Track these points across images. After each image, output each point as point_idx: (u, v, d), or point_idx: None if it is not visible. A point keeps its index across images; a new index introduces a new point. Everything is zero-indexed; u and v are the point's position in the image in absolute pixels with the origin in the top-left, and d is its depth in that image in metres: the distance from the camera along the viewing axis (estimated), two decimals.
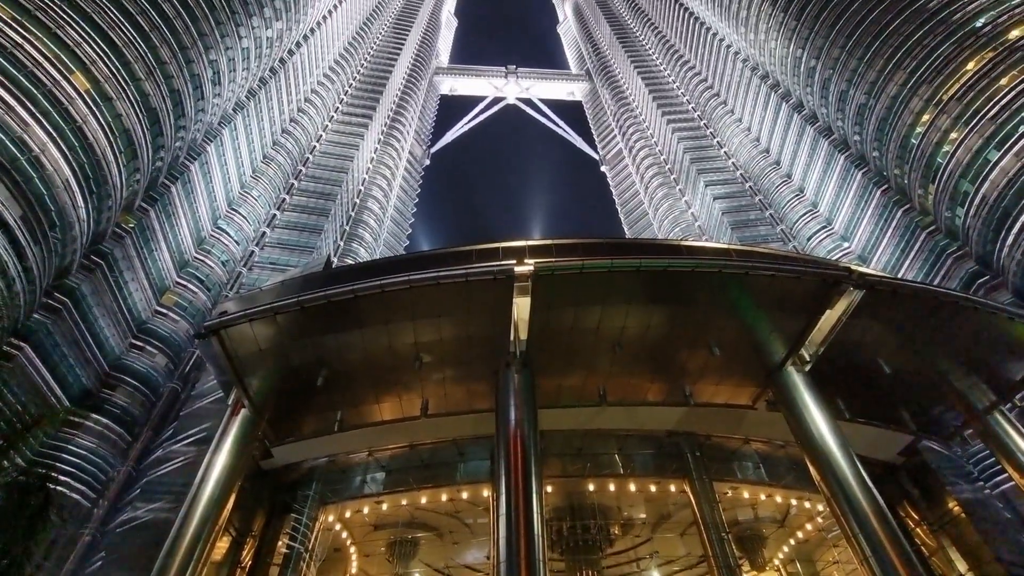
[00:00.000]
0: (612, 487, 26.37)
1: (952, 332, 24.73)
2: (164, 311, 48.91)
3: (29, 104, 32.37)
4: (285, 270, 59.85)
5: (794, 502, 27.52)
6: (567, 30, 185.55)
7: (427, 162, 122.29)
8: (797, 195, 72.06)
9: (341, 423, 25.54)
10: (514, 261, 22.67)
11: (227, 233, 59.98)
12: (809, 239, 66.65)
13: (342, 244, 74.82)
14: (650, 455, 27.13)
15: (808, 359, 25.11)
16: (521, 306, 22.80)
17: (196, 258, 55.01)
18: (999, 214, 40.52)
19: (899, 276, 50.03)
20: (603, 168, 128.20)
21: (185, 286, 51.97)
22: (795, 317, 24.04)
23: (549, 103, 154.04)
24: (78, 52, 36.03)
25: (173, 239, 51.18)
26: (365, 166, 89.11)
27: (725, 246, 32.41)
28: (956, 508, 26.06)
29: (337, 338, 23.21)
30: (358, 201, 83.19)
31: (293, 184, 74.48)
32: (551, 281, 22.13)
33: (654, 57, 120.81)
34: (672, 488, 26.44)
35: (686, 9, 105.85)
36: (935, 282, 46.59)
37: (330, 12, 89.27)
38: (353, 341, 23.34)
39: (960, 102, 44.48)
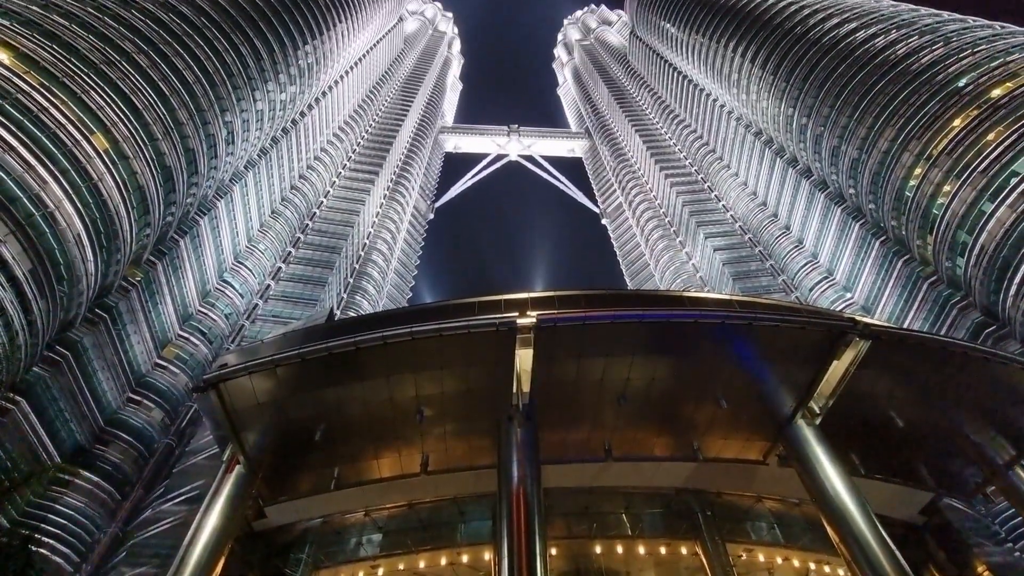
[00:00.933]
0: (620, 549, 25.09)
1: (965, 383, 24.25)
2: (164, 364, 48.58)
3: (49, 163, 33.60)
4: (288, 322, 59.88)
5: (813, 566, 26.03)
6: (567, 92, 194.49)
7: (431, 216, 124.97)
8: (797, 246, 72.83)
9: (338, 480, 24.73)
10: (516, 313, 22.68)
11: (232, 286, 60.51)
12: (811, 290, 66.73)
13: (345, 297, 75.25)
14: (659, 514, 26.01)
15: (818, 412, 24.53)
16: (524, 358, 22.59)
17: (200, 311, 55.22)
18: (1000, 264, 40.68)
19: (904, 326, 49.67)
20: (604, 221, 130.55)
21: (187, 339, 51.89)
22: (802, 369, 23.69)
23: (550, 159, 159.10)
24: (100, 115, 37.77)
25: (178, 292, 51.59)
26: (371, 220, 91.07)
27: (728, 297, 32.45)
28: (985, 572, 24.60)
29: (337, 391, 22.89)
30: (363, 254, 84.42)
31: (300, 238, 75.87)
32: (553, 333, 22.03)
33: (650, 116, 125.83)
34: (683, 550, 25.13)
35: (679, 72, 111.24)
36: (941, 332, 46.16)
37: (342, 77, 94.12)
38: (353, 394, 22.99)
39: (950, 156, 45.73)
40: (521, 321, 21.86)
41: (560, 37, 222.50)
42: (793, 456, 23.63)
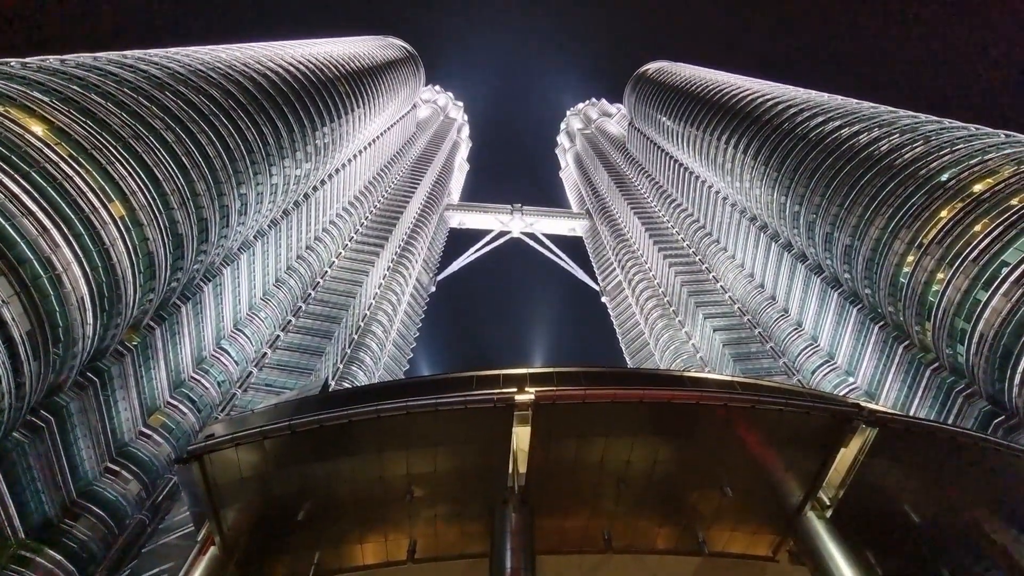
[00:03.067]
0: None
1: (980, 477, 23.29)
2: (149, 432, 46.96)
3: (64, 227, 34.56)
4: (281, 392, 58.63)
5: None
6: (568, 175, 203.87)
7: (433, 289, 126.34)
8: (796, 329, 72.88)
9: (318, 567, 23.04)
10: (515, 389, 22.27)
11: (228, 353, 59.93)
12: (813, 373, 65.93)
13: (341, 367, 74.26)
14: None
15: (829, 503, 23.35)
16: (521, 436, 21.89)
17: (193, 377, 54.28)
18: (1001, 353, 40.48)
19: (910, 414, 48.52)
20: (603, 299, 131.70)
21: (176, 407, 50.55)
22: (809, 456, 22.87)
23: (551, 237, 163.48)
24: (121, 184, 39.41)
25: (173, 358, 51.02)
26: (373, 291, 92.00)
27: (729, 378, 31.99)
28: None
29: (326, 467, 21.95)
30: (362, 325, 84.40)
31: (301, 307, 76.24)
32: (552, 411, 21.51)
33: (648, 200, 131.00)
34: None
35: (675, 160, 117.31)
36: (948, 421, 45.01)
37: (355, 156, 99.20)
38: (342, 471, 22.03)
39: (940, 245, 47.00)
40: (519, 398, 21.42)
41: (563, 126, 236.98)
42: (804, 552, 22.19)
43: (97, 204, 37.09)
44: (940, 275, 46.29)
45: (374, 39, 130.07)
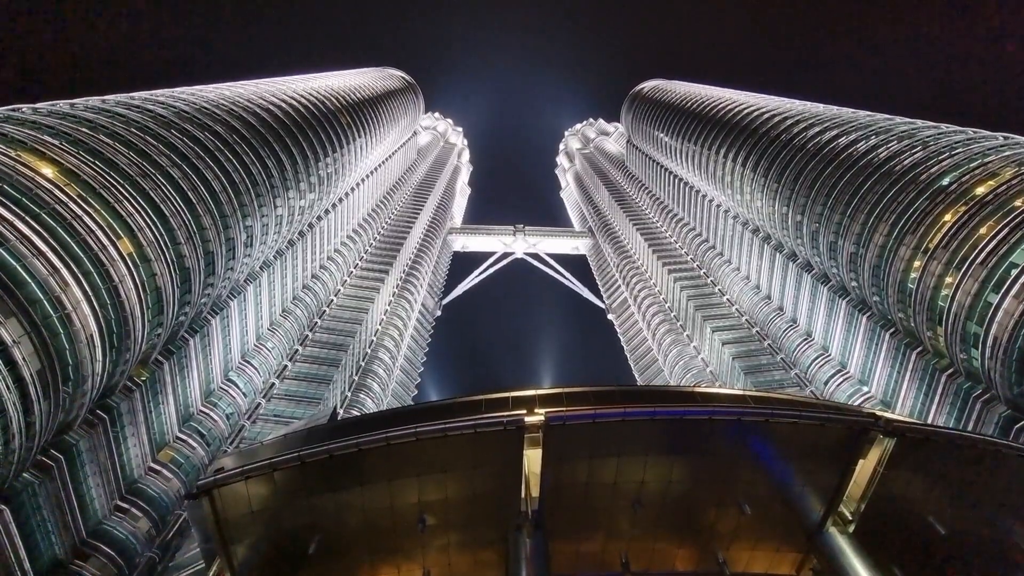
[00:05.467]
0: None
1: (1004, 485, 22.68)
2: (158, 468, 46.66)
3: (73, 266, 35.03)
4: (289, 422, 58.30)
5: None
6: (569, 195, 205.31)
7: (438, 313, 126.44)
8: (806, 339, 72.12)
9: None
10: (524, 411, 22.06)
11: (236, 385, 59.87)
12: (826, 383, 64.96)
13: (350, 395, 73.94)
14: None
15: (851, 517, 22.76)
16: (532, 459, 21.60)
17: (201, 411, 54.16)
18: (1017, 356, 39.81)
19: (928, 421, 47.57)
20: (610, 316, 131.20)
21: (185, 441, 50.33)
22: (827, 469, 22.40)
23: (555, 257, 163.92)
24: (129, 221, 40.04)
25: (182, 392, 51.01)
26: (379, 318, 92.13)
27: (741, 392, 31.58)
28: None
29: (336, 498, 21.69)
30: (369, 352, 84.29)
31: (308, 336, 76.34)
32: (563, 432, 21.26)
33: (650, 215, 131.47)
34: None
35: (675, 175, 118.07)
36: (968, 428, 44.04)
37: (358, 184, 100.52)
38: (353, 501, 21.75)
39: (947, 249, 46.72)
40: (529, 419, 21.21)
41: (562, 147, 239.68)
42: (828, 570, 21.54)
43: (105, 242, 37.63)
44: (948, 279, 45.89)
45: (374, 71, 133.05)
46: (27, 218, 33.92)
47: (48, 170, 37.92)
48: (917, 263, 49.44)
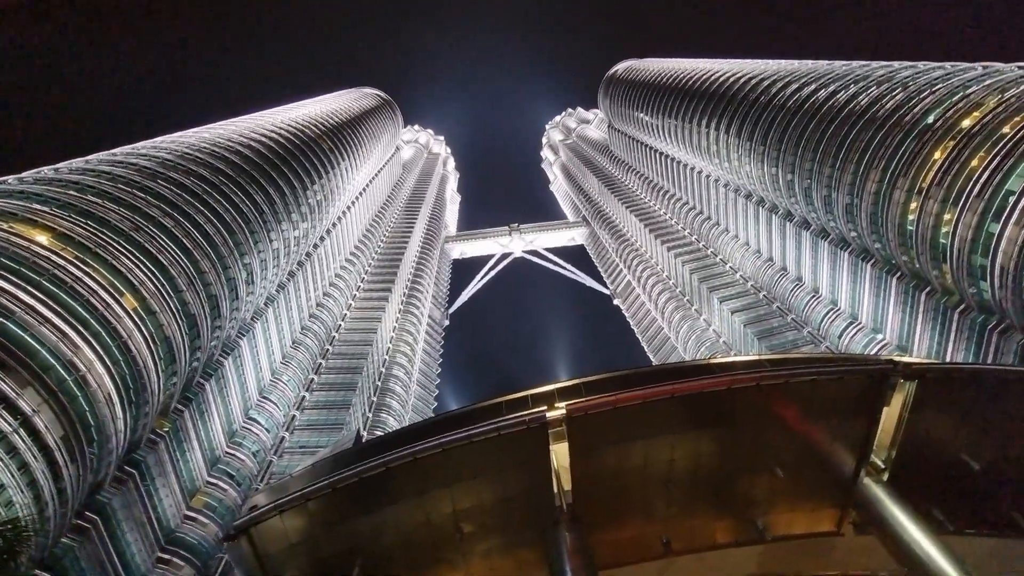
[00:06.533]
0: None
1: None
2: (194, 515, 46.99)
3: (82, 328, 35.35)
4: (315, 451, 58.50)
5: None
6: (559, 187, 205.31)
7: (446, 323, 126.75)
8: (813, 296, 71.96)
9: None
10: (545, 407, 22.10)
11: (258, 422, 60.18)
12: (840, 337, 64.82)
13: (371, 416, 74.20)
14: None
15: (883, 466, 22.75)
16: (559, 454, 21.66)
17: (227, 452, 54.47)
18: None
19: (947, 360, 47.43)
20: (616, 302, 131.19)
21: (216, 484, 50.64)
22: (853, 422, 22.39)
23: (553, 250, 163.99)
24: (129, 276, 40.37)
25: (205, 437, 51.31)
26: (388, 336, 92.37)
27: (757, 357, 31.62)
28: None
29: (372, 519, 21.81)
30: (384, 371, 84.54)
31: (321, 364, 76.63)
32: (585, 422, 21.31)
33: (642, 196, 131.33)
34: None
35: (660, 152, 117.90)
36: (988, 360, 43.90)
37: (349, 207, 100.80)
38: (388, 520, 21.86)
39: (941, 187, 46.57)
40: (551, 414, 21.26)
41: (544, 140, 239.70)
42: (868, 521, 21.56)
43: (109, 300, 37.93)
44: (947, 216, 45.76)
45: (349, 92, 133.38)
46: (29, 287, 34.26)
47: (43, 237, 38.26)
48: (913, 204, 49.32)
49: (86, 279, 37.52)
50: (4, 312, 32.43)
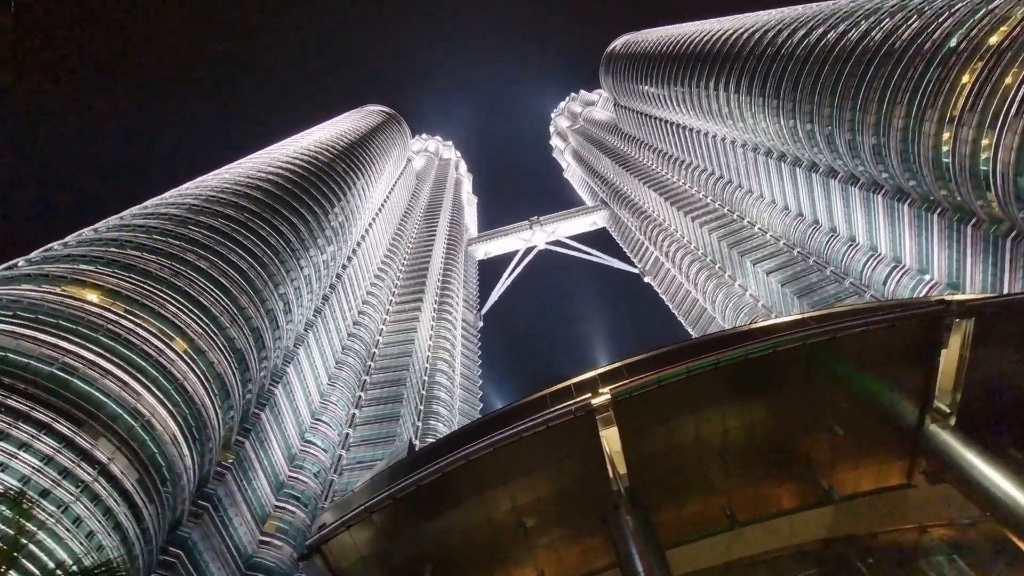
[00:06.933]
0: None
1: None
2: (268, 539, 48.98)
3: (140, 376, 37.30)
4: (372, 465, 60.03)
5: None
6: (573, 173, 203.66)
7: (480, 324, 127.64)
8: (850, 245, 69.38)
9: None
10: (589, 394, 22.13)
11: (315, 444, 62.13)
12: (885, 283, 62.36)
13: (420, 424, 75.57)
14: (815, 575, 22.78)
15: (948, 411, 21.87)
16: (610, 438, 21.66)
17: (290, 476, 56.46)
18: None
19: (1004, 292, 45.08)
20: (646, 279, 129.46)
21: (284, 508, 52.62)
22: (910, 369, 21.61)
23: (576, 238, 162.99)
24: (176, 321, 42.30)
25: (268, 464, 53.32)
26: (425, 344, 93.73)
27: (800, 316, 30.75)
28: None
29: (435, 524, 22.32)
30: (426, 379, 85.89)
31: (365, 380, 78.43)
32: (632, 403, 21.24)
33: (658, 169, 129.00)
34: None
35: (671, 123, 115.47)
36: None
37: (371, 224, 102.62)
38: (451, 524, 22.33)
39: (974, 111, 44.19)
40: (595, 401, 21.27)
41: (552, 129, 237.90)
42: (940, 469, 20.80)
43: (161, 346, 39.84)
44: (985, 141, 43.44)
45: (354, 113, 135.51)
46: (87, 344, 36.31)
47: (93, 295, 40.43)
48: (946, 135, 46.98)
49: (137, 329, 39.50)
50: (68, 370, 34.48)
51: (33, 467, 30.79)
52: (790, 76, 67.54)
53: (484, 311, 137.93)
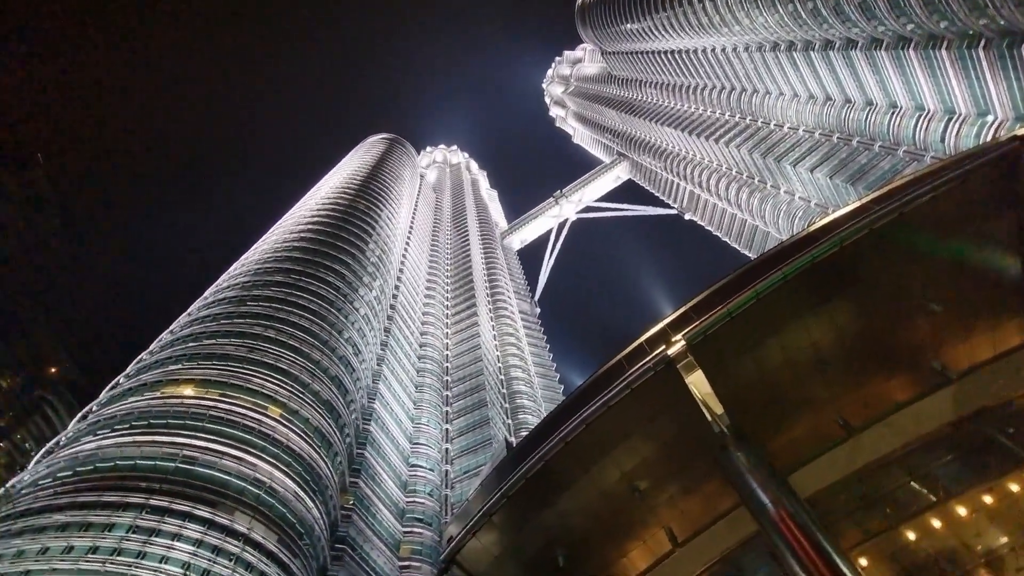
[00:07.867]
0: (938, 523, 20.82)
1: None
2: (406, 563, 51.62)
3: (251, 449, 40.18)
4: (478, 472, 61.90)
5: None
6: (581, 136, 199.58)
7: (538, 310, 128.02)
8: (893, 112, 64.27)
9: None
10: (663, 346, 21.88)
11: (420, 466, 64.68)
12: (943, 140, 57.38)
13: (511, 422, 76.99)
14: (953, 462, 21.58)
15: None
16: (698, 383, 21.35)
17: (408, 502, 59.15)
18: None
19: None
20: (687, 216, 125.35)
21: (411, 531, 55.25)
22: (996, 220, 20.01)
23: (604, 198, 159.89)
24: (265, 391, 45.14)
25: (385, 495, 56.09)
26: (492, 344, 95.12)
27: (859, 203, 28.93)
28: None
29: (554, 510, 22.86)
30: (503, 377, 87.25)
31: (447, 395, 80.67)
32: (709, 342, 20.85)
33: (664, 102, 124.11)
34: (1014, 487, 20.28)
35: (664, 52, 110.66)
36: None
37: (406, 249, 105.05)
38: (568, 505, 22.80)
39: None
40: (671, 351, 21.02)
41: (547, 100, 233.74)
42: None
43: (259, 417, 42.65)
44: None
45: (359, 149, 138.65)
46: (197, 433, 39.39)
47: (188, 389, 43.76)
48: None
49: (234, 408, 42.47)
50: (190, 460, 37.62)
51: (189, 553, 33.92)
52: None
53: (537, 297, 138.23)
